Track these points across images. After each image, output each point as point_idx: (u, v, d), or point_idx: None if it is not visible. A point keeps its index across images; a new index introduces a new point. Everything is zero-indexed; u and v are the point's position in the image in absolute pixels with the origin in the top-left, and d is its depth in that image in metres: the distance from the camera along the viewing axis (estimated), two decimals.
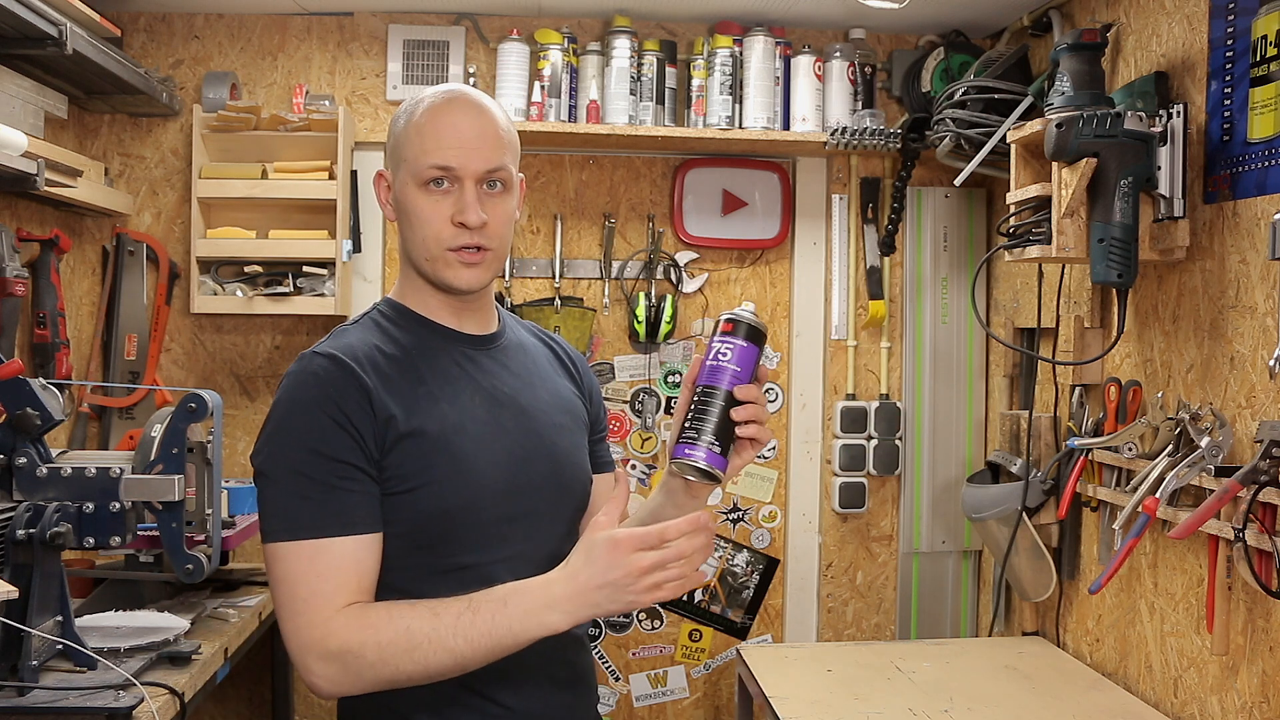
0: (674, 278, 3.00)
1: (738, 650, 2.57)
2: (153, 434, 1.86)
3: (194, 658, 1.98)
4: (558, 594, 1.23)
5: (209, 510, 1.92)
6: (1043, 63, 2.69)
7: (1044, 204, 2.16)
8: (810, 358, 3.06)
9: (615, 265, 2.99)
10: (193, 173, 2.73)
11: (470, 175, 1.34)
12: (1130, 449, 2.14)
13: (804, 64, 2.87)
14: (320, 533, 1.27)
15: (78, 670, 1.83)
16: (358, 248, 2.87)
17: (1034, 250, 2.18)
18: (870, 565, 3.09)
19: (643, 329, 2.94)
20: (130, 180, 2.86)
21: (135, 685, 1.78)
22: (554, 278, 2.96)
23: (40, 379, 1.89)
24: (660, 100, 2.86)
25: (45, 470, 1.81)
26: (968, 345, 3.08)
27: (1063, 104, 2.11)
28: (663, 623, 3.05)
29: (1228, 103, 1.98)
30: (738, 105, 2.86)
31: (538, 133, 2.74)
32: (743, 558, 3.06)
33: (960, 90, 2.60)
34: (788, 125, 2.89)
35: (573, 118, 2.84)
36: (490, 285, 1.43)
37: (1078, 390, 2.44)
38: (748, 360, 1.31)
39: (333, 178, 2.74)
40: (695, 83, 2.86)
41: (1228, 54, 1.98)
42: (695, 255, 3.02)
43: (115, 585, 2.27)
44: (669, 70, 2.88)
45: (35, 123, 2.34)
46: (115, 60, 2.40)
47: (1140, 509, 2.01)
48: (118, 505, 1.82)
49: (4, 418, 1.80)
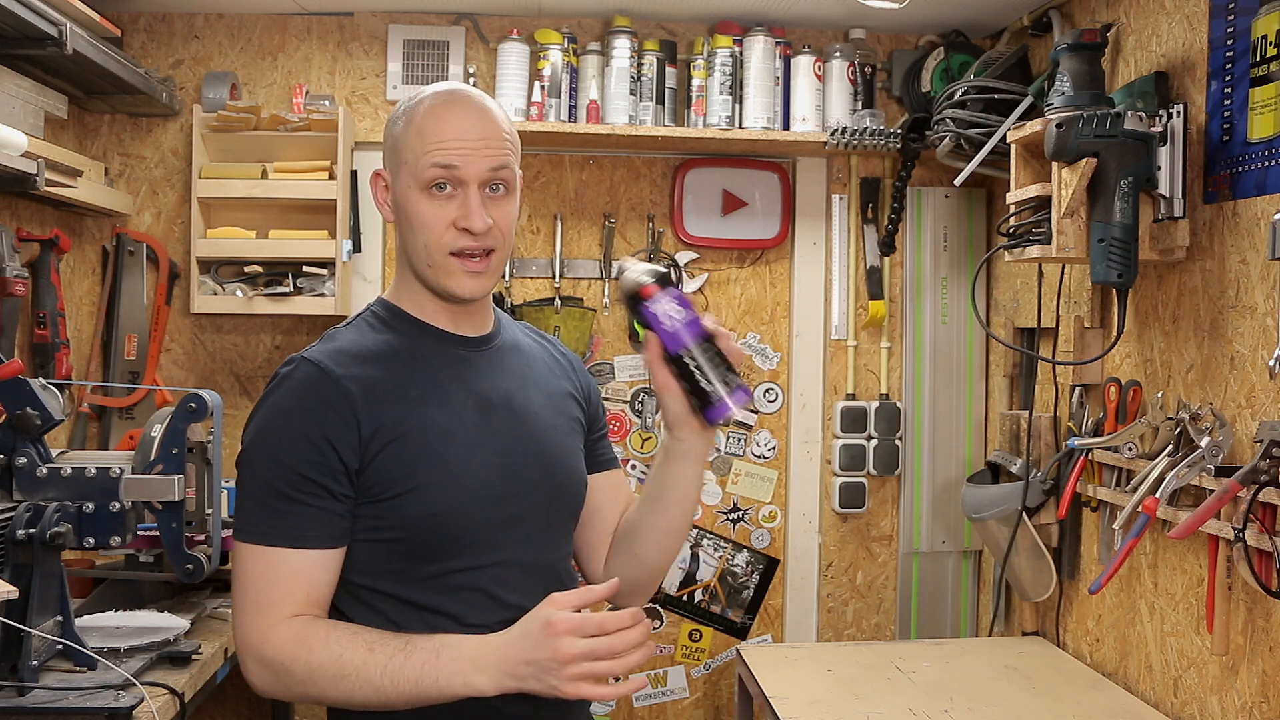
0: (674, 278, 2.99)
1: (738, 650, 2.57)
2: (153, 434, 1.86)
3: (194, 658, 1.98)
4: (489, 658, 1.22)
5: (209, 510, 1.92)
6: (1043, 63, 2.69)
7: (1044, 204, 2.16)
8: (810, 358, 3.06)
9: (615, 265, 2.99)
10: (193, 173, 2.73)
11: (474, 178, 1.32)
12: (1130, 449, 2.14)
13: (804, 64, 2.87)
14: (274, 541, 1.28)
15: (78, 670, 1.83)
16: (358, 248, 2.88)
17: (1034, 250, 2.18)
18: (870, 565, 3.09)
19: (643, 329, 2.94)
20: (130, 180, 2.86)
21: (135, 685, 1.78)
22: (554, 278, 2.96)
23: (40, 379, 1.89)
24: (660, 100, 2.86)
25: (45, 470, 1.81)
26: (968, 345, 3.08)
27: (1063, 104, 2.11)
28: (663, 623, 3.05)
29: (1228, 103, 1.98)
30: (738, 105, 2.86)
31: (538, 133, 2.74)
32: (743, 558, 3.06)
33: (960, 90, 2.60)
34: (788, 125, 2.89)
35: (573, 118, 2.84)
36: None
37: (1078, 390, 2.44)
38: (685, 302, 1.41)
39: (333, 178, 2.74)
40: (695, 83, 2.86)
41: (1228, 54, 1.98)
42: (695, 255, 3.02)
43: (115, 585, 2.27)
44: (669, 70, 2.88)
45: (35, 123, 2.34)
46: (115, 60, 2.40)
47: (1140, 509, 2.01)
48: (118, 505, 1.82)
49: (4, 418, 1.80)
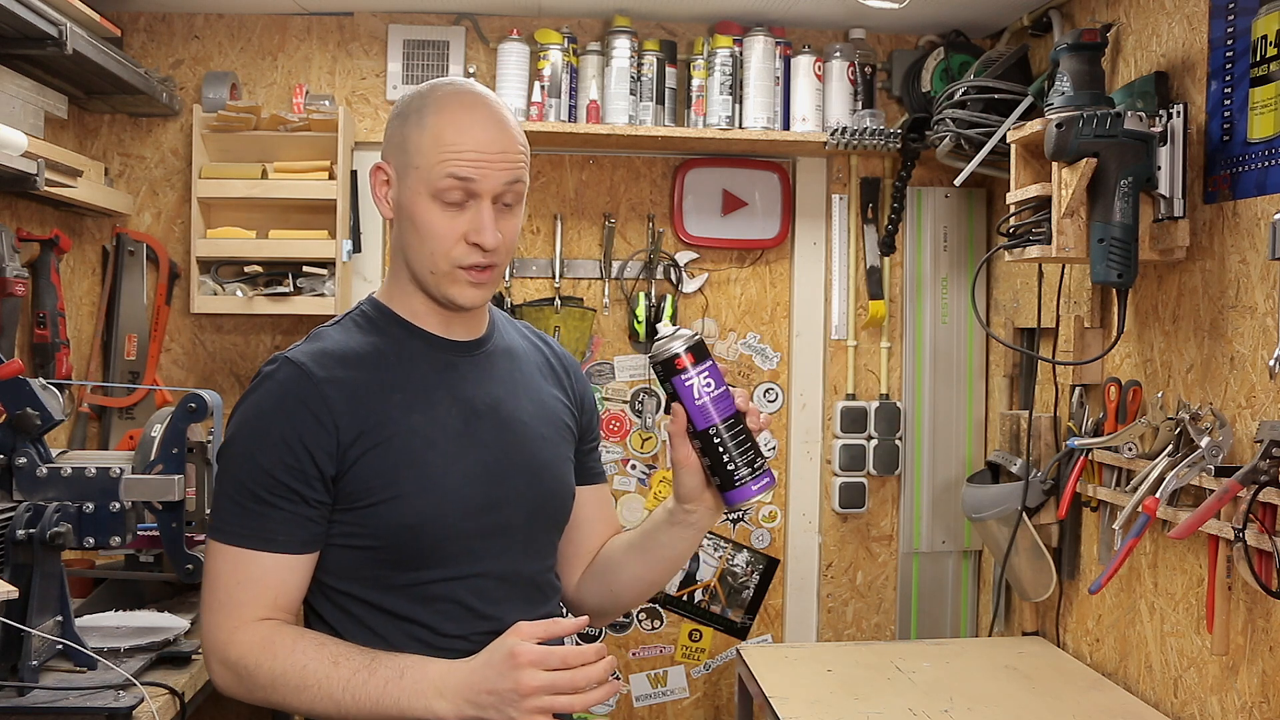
0: (674, 278, 3.00)
1: (738, 650, 2.57)
2: (153, 434, 1.86)
3: (194, 658, 1.98)
4: (451, 684, 1.21)
5: (209, 510, 1.92)
6: (1043, 63, 2.69)
7: (1044, 204, 2.16)
8: (810, 358, 3.06)
9: (615, 265, 2.99)
10: (193, 173, 2.73)
11: (488, 192, 1.29)
12: (1130, 449, 2.14)
13: (804, 64, 2.87)
14: (244, 543, 1.27)
15: (78, 670, 1.83)
16: (358, 248, 2.87)
17: (1034, 250, 2.18)
18: (870, 565, 3.09)
19: (643, 329, 2.95)
20: (130, 180, 2.86)
21: (135, 685, 1.77)
22: (554, 278, 2.96)
23: (40, 379, 1.89)
24: (660, 100, 2.86)
25: (45, 470, 1.81)
26: (968, 345, 3.08)
27: (1063, 104, 2.11)
28: (663, 623, 3.05)
29: (1228, 103, 1.98)
30: (738, 105, 2.86)
31: (538, 133, 2.74)
32: (743, 558, 3.06)
33: (960, 90, 2.60)
34: (788, 125, 2.89)
35: (573, 118, 2.84)
36: None
37: (1078, 390, 2.44)
38: (718, 375, 1.29)
39: (333, 178, 2.74)
40: (695, 83, 2.86)
41: (1228, 54, 1.98)
42: (695, 255, 3.02)
43: (115, 585, 2.27)
44: (669, 70, 2.88)
45: (35, 123, 2.34)
46: (115, 60, 2.40)
47: (1140, 509, 2.01)
48: (118, 505, 1.82)
49: (4, 418, 1.80)
